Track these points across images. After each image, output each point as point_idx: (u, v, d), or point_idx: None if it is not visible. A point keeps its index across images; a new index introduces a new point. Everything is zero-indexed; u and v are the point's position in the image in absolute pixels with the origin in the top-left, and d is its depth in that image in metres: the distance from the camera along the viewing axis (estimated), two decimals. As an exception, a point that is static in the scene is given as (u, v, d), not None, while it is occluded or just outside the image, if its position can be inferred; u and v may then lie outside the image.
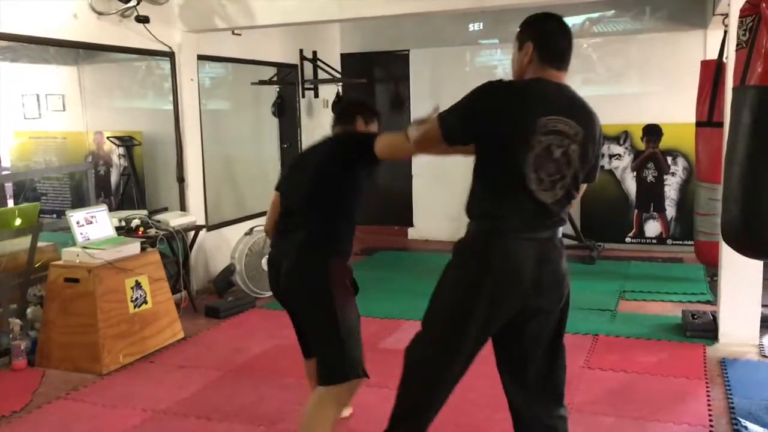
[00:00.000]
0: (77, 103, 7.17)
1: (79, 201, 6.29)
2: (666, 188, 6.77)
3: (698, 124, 5.47)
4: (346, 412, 3.32)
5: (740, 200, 2.75)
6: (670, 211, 6.78)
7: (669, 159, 6.72)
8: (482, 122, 2.23)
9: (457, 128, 2.27)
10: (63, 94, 7.29)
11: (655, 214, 6.83)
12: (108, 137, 6.89)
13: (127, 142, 6.76)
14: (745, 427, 3.00)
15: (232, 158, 6.77)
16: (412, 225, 7.89)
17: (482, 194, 2.29)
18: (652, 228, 6.85)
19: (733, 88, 2.82)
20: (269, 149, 7.28)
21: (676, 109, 6.50)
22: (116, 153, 6.91)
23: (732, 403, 3.35)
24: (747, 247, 2.78)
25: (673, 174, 6.74)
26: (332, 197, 2.72)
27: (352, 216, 2.79)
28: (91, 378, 3.92)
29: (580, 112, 2.29)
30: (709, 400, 3.41)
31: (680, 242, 6.71)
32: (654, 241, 6.84)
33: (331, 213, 2.72)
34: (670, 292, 5.34)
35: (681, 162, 6.69)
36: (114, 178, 6.94)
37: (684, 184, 6.69)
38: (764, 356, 3.97)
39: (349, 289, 2.76)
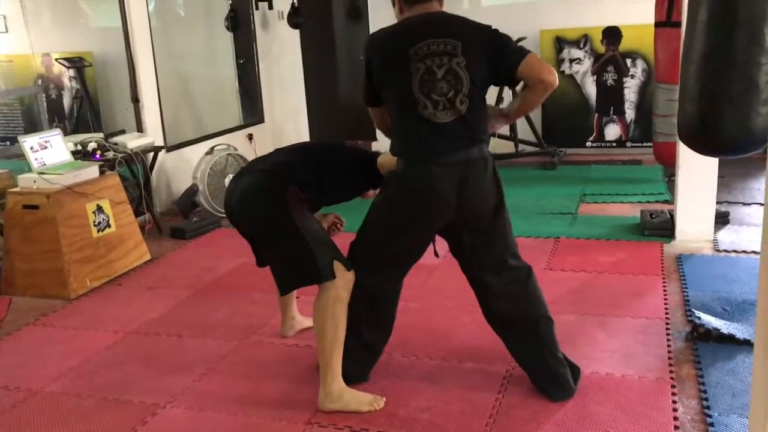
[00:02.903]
0: (20, 23, 6.86)
1: (32, 126, 6.12)
2: (625, 91, 6.81)
3: (657, 24, 5.46)
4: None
5: (696, 99, 2.78)
6: (630, 114, 6.84)
7: (628, 61, 6.73)
8: (374, 72, 2.55)
9: (366, 89, 2.62)
10: (3, 15, 6.96)
11: (614, 117, 6.89)
12: (56, 59, 6.63)
13: (77, 63, 6.51)
14: (699, 318, 3.14)
15: (187, 76, 6.59)
16: (376, 139, 7.84)
17: (395, 133, 2.59)
18: (612, 131, 6.93)
19: (690, -15, 2.81)
20: (225, 66, 7.09)
21: (635, 10, 6.46)
22: (67, 75, 6.68)
23: (687, 296, 3.49)
24: (703, 146, 2.81)
25: (632, 76, 6.76)
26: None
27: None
28: (59, 303, 3.93)
29: (454, 27, 2.52)
30: (665, 295, 3.54)
31: (639, 144, 6.81)
32: (614, 144, 6.93)
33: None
34: (629, 194, 5.46)
35: (640, 64, 6.70)
36: (66, 101, 6.72)
37: (643, 87, 6.73)
38: (717, 251, 4.12)
39: (306, 207, 2.77)
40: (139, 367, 3.14)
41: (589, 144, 6.98)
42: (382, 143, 7.98)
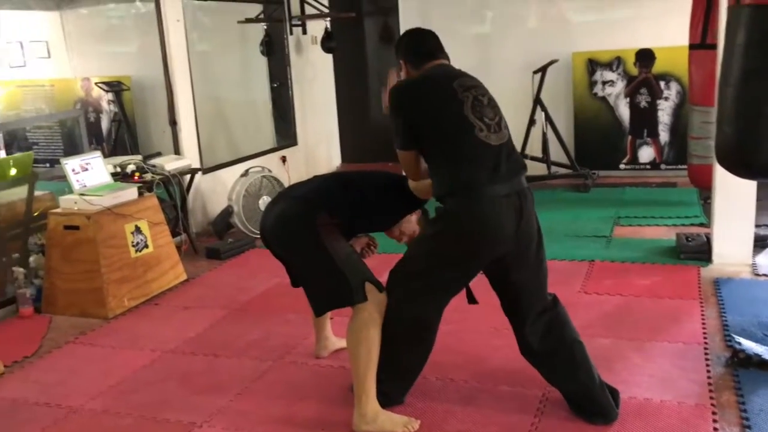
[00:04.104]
0: (62, 49, 7.06)
1: (71, 149, 6.25)
2: (659, 113, 6.75)
3: (692, 46, 5.43)
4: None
5: (734, 121, 2.77)
6: (664, 136, 6.79)
7: (662, 83, 6.69)
8: (414, 114, 2.57)
9: (405, 134, 2.60)
10: (47, 41, 7.17)
11: (648, 139, 6.84)
12: (96, 83, 6.81)
13: (115, 87, 6.68)
14: (739, 343, 3.09)
15: (222, 100, 6.71)
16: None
17: (445, 169, 2.54)
18: (646, 154, 6.87)
19: (729, 7, 2.81)
20: (259, 89, 7.21)
21: (669, 32, 6.42)
22: (105, 99, 6.85)
23: (725, 320, 3.44)
24: (741, 168, 2.81)
25: (666, 99, 6.71)
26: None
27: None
28: (97, 322, 3.99)
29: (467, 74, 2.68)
30: (703, 320, 3.49)
31: (674, 167, 6.74)
32: (648, 166, 6.87)
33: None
34: (664, 216, 5.40)
35: (674, 86, 6.66)
36: (105, 124, 6.89)
37: (677, 109, 6.67)
38: (757, 275, 4.05)
39: (338, 232, 2.80)
40: (176, 387, 3.18)
41: (622, 166, 6.93)
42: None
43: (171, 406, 3.00)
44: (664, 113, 6.74)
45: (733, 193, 4.13)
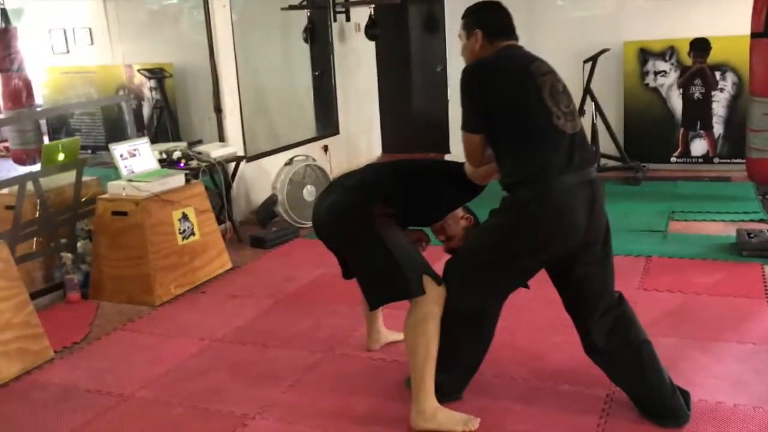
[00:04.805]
0: (105, 36, 7.07)
1: (113, 136, 6.26)
2: (714, 105, 6.53)
3: (754, 35, 5.21)
4: (400, 335, 3.30)
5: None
6: (718, 129, 6.56)
7: (717, 74, 6.46)
8: (492, 94, 2.42)
9: (476, 116, 2.46)
10: (90, 27, 7.19)
11: (701, 132, 6.62)
12: (138, 70, 6.80)
13: (157, 74, 6.67)
14: (815, 345, 2.94)
15: (265, 88, 6.64)
16: (449, 152, 7.75)
17: (519, 157, 2.43)
18: (699, 146, 6.65)
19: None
20: (302, 77, 7.13)
21: (725, 21, 6.21)
22: (147, 86, 6.84)
23: (796, 321, 3.28)
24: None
25: (721, 90, 6.48)
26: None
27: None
28: (145, 309, 3.96)
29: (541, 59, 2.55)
30: (772, 320, 3.34)
31: (728, 160, 6.53)
32: (700, 160, 6.65)
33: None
34: (720, 212, 5.21)
35: (730, 77, 6.43)
36: (146, 111, 6.89)
37: (732, 101, 6.45)
38: (825, 274, 3.88)
39: (394, 223, 2.71)
40: (227, 376, 3.12)
41: (673, 159, 6.72)
42: (456, 156, 7.94)
43: (222, 396, 2.94)
44: (719, 105, 6.52)
45: (801, 188, 3.94)
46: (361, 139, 7.68)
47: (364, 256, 2.64)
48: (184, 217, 4.29)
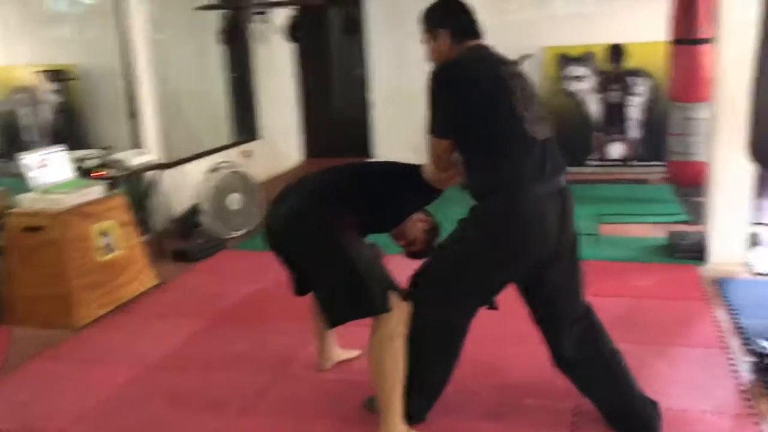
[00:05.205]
0: (-2, 35, 6.52)
1: (10, 143, 5.76)
2: (630, 109, 6.72)
3: (672, 42, 5.38)
4: (353, 353, 3.16)
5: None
6: (634, 133, 6.75)
7: (633, 80, 6.65)
8: (464, 97, 2.29)
9: (446, 120, 2.34)
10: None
11: (618, 136, 6.79)
12: (37, 71, 6.31)
13: (59, 76, 6.20)
14: (765, 348, 2.99)
15: (181, 91, 6.31)
16: (370, 156, 7.64)
17: (487, 166, 2.33)
18: (616, 150, 6.83)
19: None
20: (220, 81, 6.83)
21: (640, 28, 6.40)
22: (46, 89, 6.35)
23: (739, 323, 3.34)
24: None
25: (637, 95, 6.68)
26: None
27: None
28: (65, 333, 3.62)
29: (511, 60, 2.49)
30: (715, 322, 3.39)
31: (644, 163, 6.72)
32: (618, 163, 6.83)
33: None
34: (647, 214, 5.34)
35: (645, 82, 6.63)
36: (45, 116, 6.39)
37: (648, 105, 6.65)
38: (755, 274, 3.99)
39: (357, 233, 2.57)
40: (166, 407, 2.86)
41: (591, 163, 6.86)
42: (377, 159, 7.78)
43: (164, 429, 2.70)
44: (635, 109, 6.70)
45: (729, 191, 4.07)
46: (282, 144, 7.45)
47: (327, 269, 2.47)
48: (105, 231, 3.97)
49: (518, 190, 2.26)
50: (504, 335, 3.28)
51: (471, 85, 2.30)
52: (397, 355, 2.42)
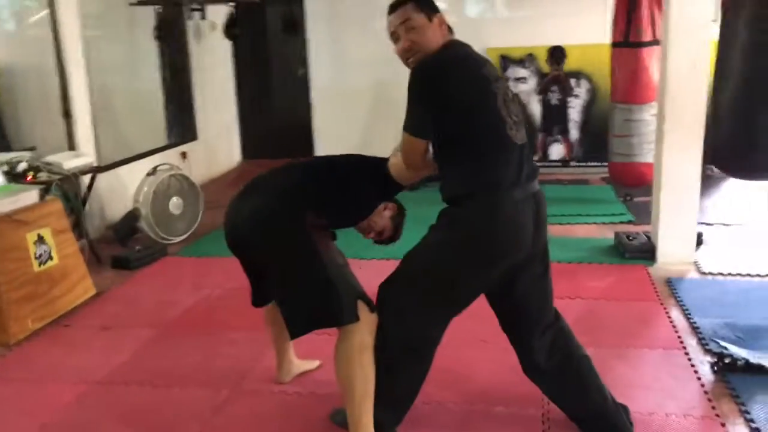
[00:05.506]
0: None
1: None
2: (570, 111, 6.82)
3: (614, 44, 5.46)
4: (313, 364, 3.06)
5: (732, 121, 2.69)
6: (574, 134, 6.86)
7: (573, 81, 6.74)
8: (450, 96, 2.19)
9: (426, 119, 2.23)
10: None
11: (559, 137, 6.88)
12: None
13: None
14: (725, 348, 3.04)
15: (114, 90, 6.04)
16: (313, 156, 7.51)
17: (465, 169, 2.25)
18: (556, 151, 6.92)
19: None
20: (156, 79, 6.57)
21: (580, 30, 6.50)
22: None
23: (694, 323, 3.39)
24: (743, 168, 2.74)
25: (576, 96, 6.78)
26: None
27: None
28: (-2, 350, 3.38)
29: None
30: (672, 323, 3.43)
31: (584, 164, 6.83)
32: (558, 163, 6.91)
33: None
34: (590, 214, 5.40)
35: (584, 84, 6.74)
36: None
37: (587, 106, 6.76)
38: (703, 273, 4.07)
39: (328, 235, 2.48)
40: (120, 428, 2.69)
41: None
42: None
43: (118, 452, 2.53)
44: (575, 111, 6.81)
45: (677, 191, 4.13)
46: (220, 145, 7.24)
47: (295, 273, 2.34)
48: (40, 239, 3.73)
49: (497, 194, 2.21)
50: (463, 340, 3.21)
51: (457, 85, 2.20)
52: (367, 368, 2.33)
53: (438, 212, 2.33)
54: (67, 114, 4.92)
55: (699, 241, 4.45)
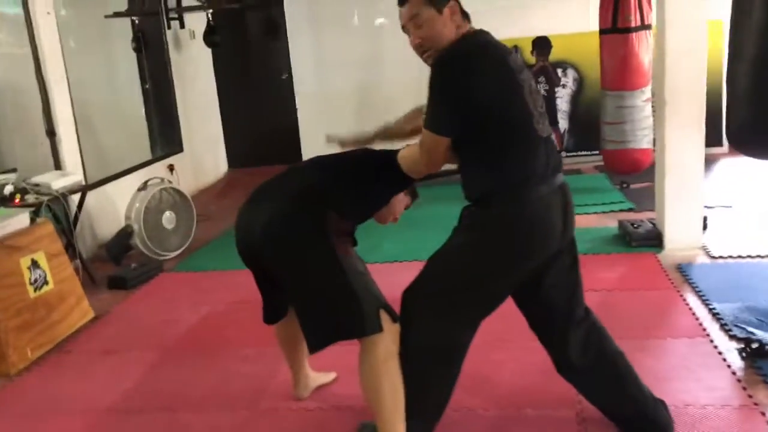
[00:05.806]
0: None
1: None
2: (558, 101, 6.76)
3: (602, 31, 5.41)
4: (329, 376, 2.95)
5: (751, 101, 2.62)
6: (563, 124, 6.81)
7: (559, 71, 6.69)
8: (476, 93, 2.08)
9: (451, 117, 2.11)
10: None
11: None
12: None
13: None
14: (753, 333, 2.98)
15: (93, 105, 5.86)
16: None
17: (490, 166, 2.15)
18: (547, 142, 6.85)
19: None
20: (135, 92, 6.42)
21: (564, 20, 6.46)
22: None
23: (713, 309, 3.33)
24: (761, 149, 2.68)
25: (563, 86, 6.73)
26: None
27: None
28: (-2, 383, 3.24)
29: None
30: (691, 310, 3.37)
31: (575, 153, 6.78)
32: (550, 154, 6.85)
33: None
34: (589, 204, 5.34)
35: (571, 73, 6.69)
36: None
37: (575, 96, 6.71)
38: (713, 257, 4.02)
39: (349, 241, 2.39)
40: (136, 457, 2.57)
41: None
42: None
43: (138, 484, 2.41)
44: (563, 101, 6.76)
45: (682, 176, 4.08)
46: (206, 155, 7.10)
47: (315, 282, 2.23)
48: (34, 264, 3.59)
49: (525, 192, 2.12)
50: (484, 341, 3.12)
51: (480, 78, 2.08)
52: (395, 379, 2.24)
53: (441, 211, 2.24)
54: (51, 132, 4.76)
55: (704, 225, 4.41)
